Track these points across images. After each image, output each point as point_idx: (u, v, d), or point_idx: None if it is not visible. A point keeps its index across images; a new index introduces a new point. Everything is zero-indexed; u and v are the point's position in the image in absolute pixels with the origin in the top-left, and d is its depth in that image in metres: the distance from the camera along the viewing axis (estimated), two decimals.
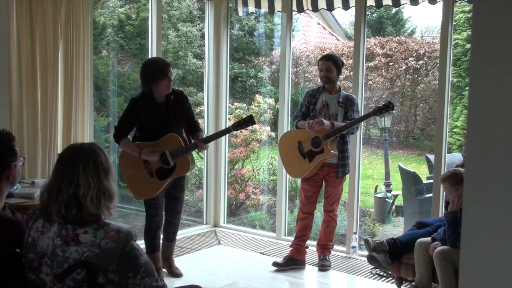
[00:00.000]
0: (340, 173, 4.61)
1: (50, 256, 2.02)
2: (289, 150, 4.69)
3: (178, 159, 4.10)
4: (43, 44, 4.38)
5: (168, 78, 4.06)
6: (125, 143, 4.14)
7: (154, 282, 2.06)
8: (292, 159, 4.69)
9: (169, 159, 4.10)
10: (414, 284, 3.90)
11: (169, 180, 4.16)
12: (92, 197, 2.03)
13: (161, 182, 4.15)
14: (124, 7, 8.19)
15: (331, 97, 4.65)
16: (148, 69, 4.09)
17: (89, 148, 2.13)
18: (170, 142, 4.10)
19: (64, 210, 2.01)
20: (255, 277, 4.58)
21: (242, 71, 9.47)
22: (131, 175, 4.20)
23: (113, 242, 1.98)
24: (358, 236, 5.12)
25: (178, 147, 4.09)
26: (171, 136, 4.11)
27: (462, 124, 8.27)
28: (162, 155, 4.11)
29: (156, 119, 4.12)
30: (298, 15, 9.55)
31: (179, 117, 4.17)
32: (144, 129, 4.16)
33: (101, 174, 2.08)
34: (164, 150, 4.10)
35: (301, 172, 4.67)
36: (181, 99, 4.23)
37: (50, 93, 4.44)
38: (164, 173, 4.14)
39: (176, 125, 4.18)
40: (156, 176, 4.14)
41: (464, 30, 8.64)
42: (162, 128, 4.11)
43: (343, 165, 4.61)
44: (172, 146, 4.10)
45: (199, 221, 6.26)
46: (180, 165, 4.12)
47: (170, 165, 4.12)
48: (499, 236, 1.71)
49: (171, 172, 4.14)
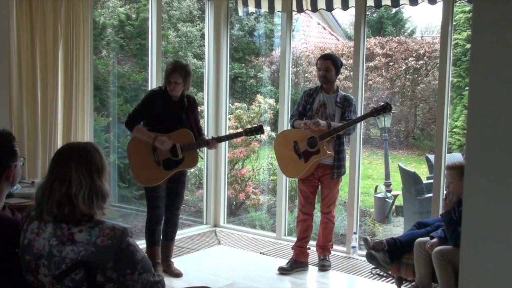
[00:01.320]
0: (336, 174, 4.59)
1: (47, 257, 2.01)
2: (285, 150, 4.67)
3: (187, 153, 4.30)
4: (43, 44, 4.38)
5: (169, 82, 4.25)
6: (139, 129, 4.28)
7: (151, 277, 2.06)
8: (287, 159, 4.66)
9: (178, 152, 4.28)
10: (414, 284, 3.90)
11: (174, 171, 4.30)
12: (84, 196, 2.02)
13: (166, 172, 4.30)
14: (124, 7, 8.18)
15: (329, 97, 4.63)
16: (165, 70, 4.34)
17: (83, 147, 2.12)
18: (183, 136, 4.32)
19: (56, 208, 2.01)
20: (255, 277, 4.58)
21: (242, 71, 9.47)
22: (138, 161, 4.32)
23: (108, 240, 1.98)
24: (358, 236, 5.11)
25: (190, 142, 4.31)
26: (185, 131, 4.33)
27: (462, 124, 8.27)
28: (173, 147, 4.28)
29: (169, 114, 4.30)
30: (298, 15, 9.55)
31: (190, 117, 4.37)
32: (155, 121, 4.29)
33: (94, 173, 2.07)
34: (175, 142, 4.28)
35: (296, 172, 4.66)
36: (192, 103, 4.45)
37: (50, 93, 4.44)
38: (171, 164, 4.30)
39: (186, 123, 4.36)
40: (162, 166, 4.28)
41: (464, 30, 8.64)
42: (173, 123, 4.31)
43: (339, 166, 4.58)
44: (184, 140, 4.31)
45: (199, 221, 6.27)
46: (188, 159, 4.33)
47: (179, 157, 4.30)
48: (499, 236, 1.71)
49: (178, 165, 4.31)
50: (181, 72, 4.23)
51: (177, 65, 4.30)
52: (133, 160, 4.34)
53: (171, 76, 4.23)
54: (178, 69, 4.24)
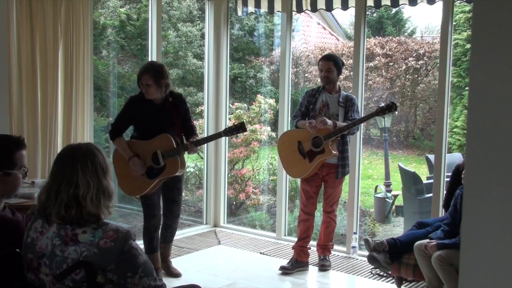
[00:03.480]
0: (340, 174, 4.60)
1: (49, 256, 2.02)
2: (289, 150, 4.67)
3: (168, 160, 4.12)
4: (43, 44, 4.38)
5: (141, 84, 4.07)
6: (119, 142, 4.18)
7: (152, 281, 2.06)
8: (291, 159, 4.66)
9: (160, 159, 4.12)
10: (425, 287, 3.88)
11: (157, 180, 4.17)
12: (92, 197, 2.03)
13: (149, 181, 4.16)
14: (125, 7, 8.18)
15: (331, 97, 4.63)
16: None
17: (86, 148, 2.12)
18: (163, 142, 4.12)
19: (63, 211, 2.01)
20: (255, 277, 4.58)
21: (242, 71, 9.47)
22: (122, 171, 4.22)
23: (111, 242, 1.98)
24: (358, 236, 5.11)
25: (170, 148, 4.11)
26: (164, 136, 4.12)
27: (462, 124, 8.27)
28: (154, 154, 4.14)
29: (150, 120, 4.14)
30: (298, 15, 9.55)
31: (175, 119, 4.18)
32: (139, 128, 4.21)
33: (100, 173, 2.08)
34: (157, 149, 4.12)
35: (301, 172, 4.65)
36: (179, 102, 4.24)
37: (50, 93, 4.44)
38: (154, 173, 4.17)
39: (171, 127, 4.18)
40: (145, 175, 4.17)
41: (464, 30, 8.64)
42: (156, 129, 4.13)
43: (343, 166, 4.59)
44: (165, 146, 4.12)
45: (199, 221, 6.26)
46: (169, 166, 4.14)
47: (161, 165, 4.14)
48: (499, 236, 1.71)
49: (160, 172, 4.15)
50: (151, 73, 4.02)
51: (147, 66, 4.12)
52: (117, 170, 4.25)
53: (141, 79, 4.04)
54: (148, 71, 4.03)
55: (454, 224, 3.81)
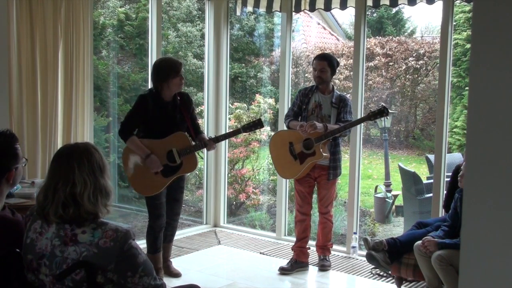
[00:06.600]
0: (332, 175, 4.58)
1: (48, 257, 2.02)
2: (280, 151, 4.64)
3: (185, 158, 4.14)
4: (43, 44, 4.38)
5: (180, 76, 4.11)
6: (133, 141, 4.11)
7: (152, 281, 2.06)
8: (283, 160, 4.63)
9: (176, 157, 4.13)
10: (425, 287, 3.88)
11: (173, 178, 4.17)
12: (89, 195, 2.03)
13: (165, 180, 4.15)
14: (124, 7, 8.18)
15: (324, 97, 4.60)
16: (162, 67, 4.12)
17: (83, 147, 2.13)
18: (179, 140, 4.14)
19: (61, 210, 2.01)
20: (255, 277, 4.58)
21: (242, 71, 9.46)
22: (135, 171, 4.19)
23: (111, 242, 1.99)
24: (358, 236, 5.11)
25: (186, 146, 4.13)
26: (180, 134, 4.15)
27: (462, 124, 8.27)
28: (169, 152, 4.13)
29: (163, 117, 4.13)
30: (298, 15, 9.55)
31: (185, 117, 4.21)
32: (150, 126, 4.15)
33: (97, 172, 2.08)
34: (172, 147, 4.12)
35: (292, 173, 4.64)
36: (187, 100, 4.28)
37: (50, 93, 4.44)
38: (169, 171, 4.15)
39: (182, 124, 4.21)
40: (160, 173, 4.14)
41: (464, 30, 8.64)
42: (168, 126, 4.14)
43: (335, 167, 4.57)
44: (180, 144, 4.13)
45: (199, 221, 6.26)
46: (186, 164, 4.16)
47: (177, 162, 4.14)
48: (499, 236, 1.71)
49: (177, 170, 4.16)
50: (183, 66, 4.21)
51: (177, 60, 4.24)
52: (128, 170, 4.21)
53: (181, 71, 4.14)
54: (181, 63, 4.19)
55: (455, 227, 3.80)
